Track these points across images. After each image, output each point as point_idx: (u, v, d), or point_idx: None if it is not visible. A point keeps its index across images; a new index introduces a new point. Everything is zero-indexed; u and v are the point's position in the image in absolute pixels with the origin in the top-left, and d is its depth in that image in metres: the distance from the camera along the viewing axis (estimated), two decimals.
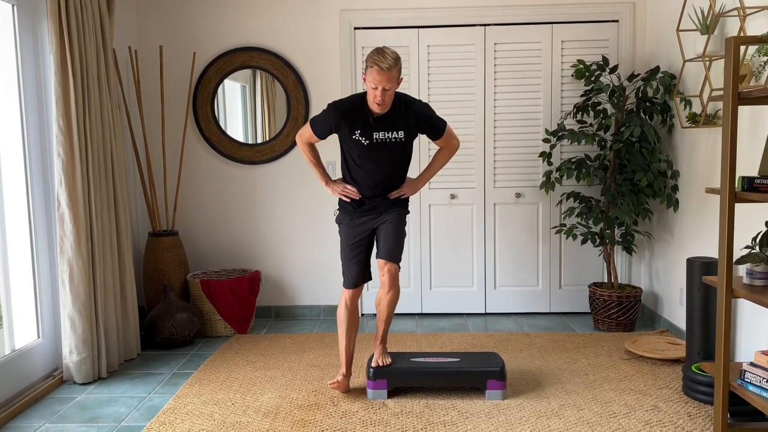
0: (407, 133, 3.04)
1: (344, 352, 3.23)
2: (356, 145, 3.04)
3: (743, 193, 2.41)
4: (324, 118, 3.06)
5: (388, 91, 2.88)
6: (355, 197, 3.12)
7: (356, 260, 3.18)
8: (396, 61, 2.86)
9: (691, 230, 3.82)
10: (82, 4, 3.37)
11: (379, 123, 3.00)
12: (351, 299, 3.21)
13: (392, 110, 3.00)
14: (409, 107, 3.03)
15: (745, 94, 2.40)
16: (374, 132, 3.00)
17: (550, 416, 2.90)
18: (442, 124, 3.12)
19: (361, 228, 3.16)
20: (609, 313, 4.16)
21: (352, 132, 3.01)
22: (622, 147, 3.97)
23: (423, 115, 3.05)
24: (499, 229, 4.61)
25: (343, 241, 3.20)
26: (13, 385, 3.12)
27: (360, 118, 2.99)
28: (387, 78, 2.83)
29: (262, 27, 4.51)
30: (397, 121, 3.01)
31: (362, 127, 3.00)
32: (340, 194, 3.15)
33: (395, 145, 3.04)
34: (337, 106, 3.03)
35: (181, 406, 3.09)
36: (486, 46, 4.47)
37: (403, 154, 3.12)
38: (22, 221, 3.27)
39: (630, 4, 4.40)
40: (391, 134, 3.01)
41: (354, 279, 3.19)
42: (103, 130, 3.56)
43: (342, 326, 3.23)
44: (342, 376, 3.20)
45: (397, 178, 3.15)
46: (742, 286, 2.53)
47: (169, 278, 4.20)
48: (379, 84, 2.84)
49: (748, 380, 2.44)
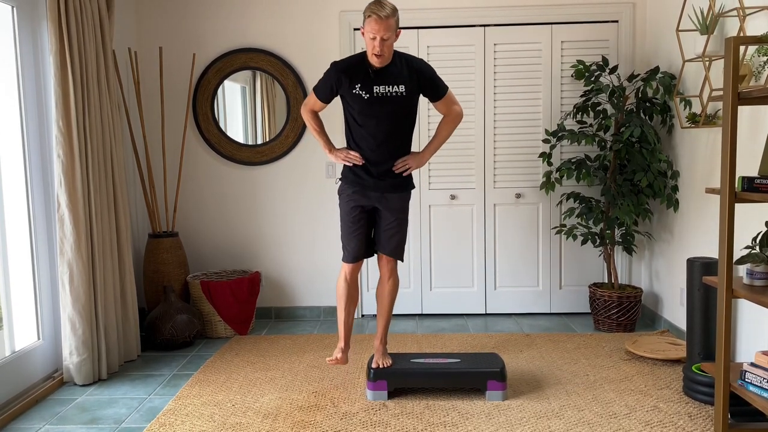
0: (407, 88, 3.00)
1: (343, 325, 3.23)
2: (357, 101, 3.01)
3: (743, 193, 2.41)
4: (325, 77, 3.06)
5: (386, 42, 2.87)
6: (358, 162, 3.07)
7: (356, 234, 3.15)
8: (394, 10, 2.86)
9: (691, 230, 3.82)
10: (81, 6, 3.37)
11: (379, 76, 2.98)
12: (351, 273, 3.20)
13: (392, 64, 2.99)
14: (410, 63, 3.02)
15: (744, 94, 2.40)
16: (374, 85, 2.98)
17: (550, 417, 2.89)
18: (443, 85, 3.09)
19: (361, 201, 3.12)
20: (609, 314, 4.16)
21: (352, 87, 2.99)
22: (622, 147, 3.97)
23: (423, 73, 3.03)
24: (499, 229, 4.61)
25: (343, 214, 3.17)
26: (13, 386, 3.12)
27: (360, 73, 2.99)
28: (385, 27, 2.83)
29: (262, 28, 4.52)
30: (398, 74, 2.99)
31: (362, 81, 2.98)
32: (344, 160, 3.10)
33: (396, 99, 3.00)
34: (337, 64, 3.04)
35: (182, 407, 3.09)
36: (486, 46, 4.47)
37: (405, 112, 3.06)
38: (22, 223, 3.27)
39: (629, 4, 4.40)
40: (392, 88, 2.99)
41: (354, 253, 3.17)
42: (102, 131, 3.56)
43: (341, 300, 3.22)
44: (341, 352, 3.20)
45: (399, 140, 3.09)
46: (743, 286, 2.53)
47: (169, 279, 4.20)
48: (377, 33, 2.83)
49: (748, 380, 2.44)
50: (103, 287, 3.50)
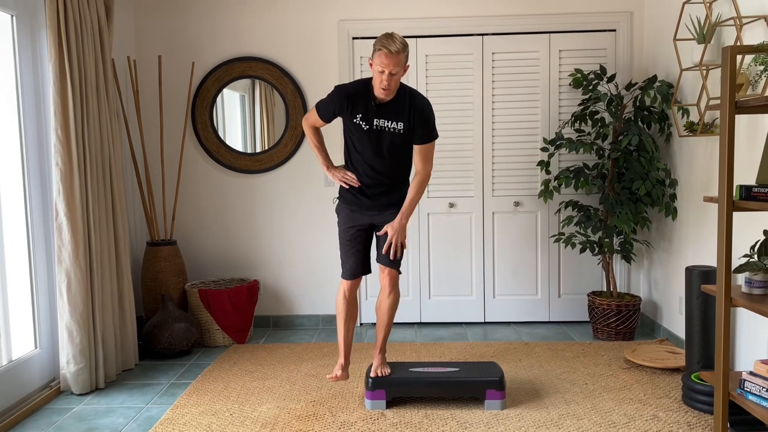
0: (406, 126, 3.01)
1: (342, 342, 3.23)
2: (356, 129, 3.02)
3: (741, 201, 2.41)
4: (328, 100, 3.07)
5: (394, 76, 2.87)
6: (354, 184, 3.10)
7: (354, 251, 3.17)
8: (404, 46, 2.86)
9: (689, 239, 3.82)
10: (81, 15, 3.38)
11: (381, 110, 2.98)
12: (349, 290, 3.21)
13: (396, 99, 2.98)
14: (413, 100, 3.01)
15: (742, 103, 2.41)
16: (375, 118, 2.99)
17: (549, 426, 2.88)
18: (433, 132, 3.07)
19: (358, 220, 3.14)
20: (608, 322, 4.15)
21: (353, 115, 3.00)
22: (620, 156, 3.98)
23: (421, 113, 3.02)
24: (497, 237, 4.61)
25: (341, 231, 3.19)
26: (10, 395, 3.11)
27: (363, 103, 2.99)
28: (395, 62, 2.83)
29: (261, 37, 4.53)
30: (399, 111, 2.99)
31: (364, 112, 2.99)
32: (341, 180, 3.13)
33: (394, 135, 3.01)
34: (341, 89, 3.03)
35: (179, 416, 3.07)
36: (484, 55, 4.48)
37: (402, 148, 3.06)
38: (20, 231, 3.26)
39: (627, 13, 4.41)
40: (391, 123, 3.00)
41: (352, 271, 3.18)
42: (101, 139, 3.56)
43: (341, 316, 3.23)
44: (340, 369, 3.20)
45: (395, 169, 3.10)
46: (741, 294, 2.53)
47: (168, 288, 4.19)
48: (386, 68, 2.83)
49: (747, 389, 2.43)
50: (101, 296, 3.49)
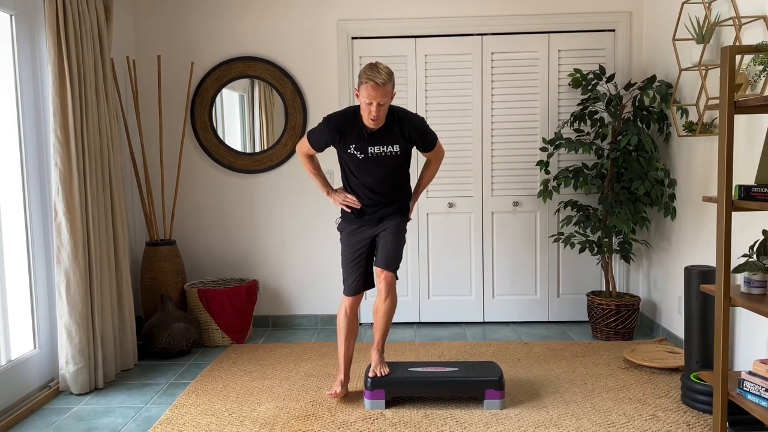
0: (402, 146, 3.04)
1: (343, 358, 3.24)
2: (352, 159, 3.05)
3: (740, 201, 2.41)
4: (319, 133, 3.08)
5: (382, 107, 2.88)
6: (356, 206, 3.13)
7: (356, 268, 3.19)
8: (390, 76, 2.86)
9: (688, 239, 3.82)
10: (80, 14, 3.38)
11: (373, 137, 3.00)
12: (351, 307, 3.22)
13: (386, 124, 2.99)
14: (402, 120, 3.03)
15: (741, 103, 2.41)
16: (369, 146, 3.01)
17: (548, 426, 2.88)
18: (433, 138, 3.14)
19: (362, 236, 3.17)
20: (607, 322, 4.15)
21: (347, 146, 3.02)
22: (620, 155, 3.98)
23: (416, 129, 3.05)
24: (497, 237, 4.61)
25: (344, 249, 3.21)
26: (8, 395, 3.10)
27: (354, 133, 3.00)
28: (382, 93, 2.83)
29: (260, 37, 4.53)
30: (392, 134, 3.01)
31: (357, 142, 3.00)
32: (341, 204, 3.16)
33: (391, 158, 3.04)
34: (330, 121, 3.03)
35: (178, 416, 3.07)
36: (483, 55, 4.48)
37: (400, 166, 3.11)
38: (18, 231, 3.26)
39: (626, 13, 4.42)
40: (386, 148, 3.02)
41: (354, 287, 3.21)
42: (100, 139, 3.56)
43: (341, 333, 3.24)
44: (340, 386, 3.20)
45: (395, 187, 3.15)
46: (740, 294, 2.53)
47: (167, 288, 4.19)
48: (373, 99, 2.84)
49: (746, 389, 2.43)
50: (100, 296, 3.49)
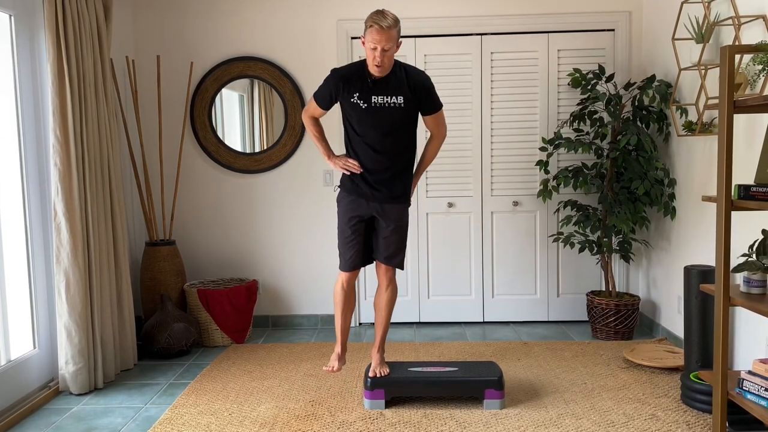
0: (406, 99, 2.99)
1: (340, 329, 3.25)
2: (355, 110, 3.00)
3: (740, 201, 2.41)
4: (324, 84, 3.06)
5: (387, 52, 2.85)
6: (357, 170, 3.07)
7: (353, 243, 3.14)
8: (396, 21, 2.85)
9: (688, 238, 3.82)
10: (79, 14, 3.37)
11: (377, 86, 2.97)
12: (347, 281, 3.21)
13: (392, 74, 2.97)
14: (409, 74, 3.01)
15: (740, 103, 2.41)
16: (373, 95, 2.97)
17: (548, 425, 2.88)
18: (438, 101, 3.09)
19: (359, 211, 3.11)
20: (607, 322, 4.15)
21: (350, 95, 2.99)
22: (619, 155, 3.98)
23: (422, 85, 3.02)
24: (496, 237, 4.61)
25: (341, 223, 3.16)
26: (8, 396, 3.10)
27: (359, 82, 2.98)
28: (387, 37, 2.81)
29: (260, 37, 4.53)
30: (397, 85, 2.98)
31: (361, 90, 2.97)
32: (342, 167, 3.10)
33: (394, 110, 2.99)
34: (336, 71, 3.03)
35: (178, 416, 3.07)
36: (483, 55, 4.48)
37: (403, 122, 3.04)
38: (18, 231, 3.26)
39: (626, 13, 4.42)
40: (390, 99, 2.98)
41: (351, 262, 3.17)
42: (100, 139, 3.56)
43: (338, 306, 3.24)
44: (337, 360, 3.22)
45: (398, 150, 3.06)
46: (740, 294, 2.53)
47: (166, 288, 4.19)
48: (378, 44, 2.82)
49: (746, 389, 2.43)
50: (99, 296, 3.49)
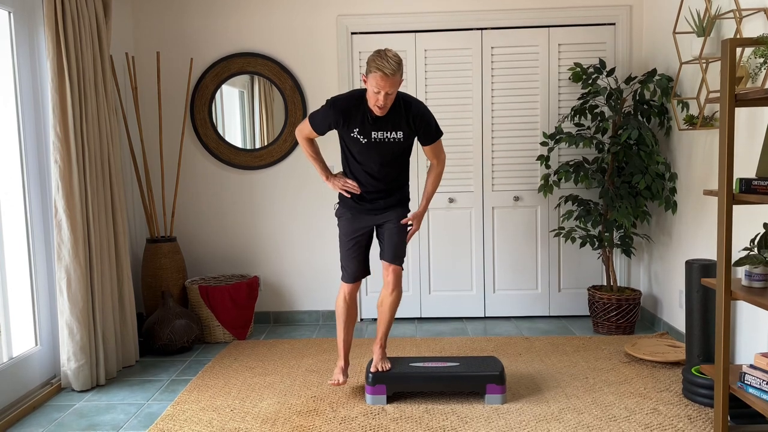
0: (405, 134, 3.01)
1: (342, 343, 3.26)
2: (354, 143, 3.02)
3: (741, 194, 2.41)
4: (323, 115, 3.03)
5: (390, 96, 2.85)
6: (356, 191, 3.09)
7: (355, 255, 3.18)
8: (399, 65, 2.82)
9: (689, 232, 3.82)
10: (79, 11, 3.37)
11: (377, 123, 2.97)
12: (350, 293, 3.23)
13: (392, 110, 2.96)
14: (408, 107, 3.00)
15: (741, 96, 2.40)
16: (373, 131, 2.98)
17: (550, 420, 2.89)
18: (437, 131, 3.10)
19: (360, 224, 3.16)
20: (608, 316, 4.15)
21: (350, 130, 2.99)
22: (620, 150, 3.97)
23: (421, 117, 3.02)
24: (497, 232, 4.61)
25: (342, 235, 3.20)
26: (10, 392, 3.11)
27: (358, 117, 2.96)
28: (391, 83, 2.80)
29: (259, 33, 4.52)
30: (396, 121, 2.98)
31: (361, 126, 2.97)
32: (341, 189, 3.12)
33: (394, 144, 3.01)
34: (334, 104, 2.98)
35: (180, 412, 3.08)
36: (483, 49, 4.47)
37: (402, 153, 3.09)
38: (19, 228, 3.26)
39: (626, 7, 4.40)
40: (390, 134, 2.99)
41: (353, 274, 3.20)
42: (100, 136, 3.56)
43: (340, 319, 3.25)
44: (341, 374, 3.23)
45: (396, 175, 3.12)
46: (741, 288, 2.52)
47: (168, 284, 4.19)
48: (382, 89, 2.80)
49: (748, 382, 2.43)
50: (101, 292, 3.49)
